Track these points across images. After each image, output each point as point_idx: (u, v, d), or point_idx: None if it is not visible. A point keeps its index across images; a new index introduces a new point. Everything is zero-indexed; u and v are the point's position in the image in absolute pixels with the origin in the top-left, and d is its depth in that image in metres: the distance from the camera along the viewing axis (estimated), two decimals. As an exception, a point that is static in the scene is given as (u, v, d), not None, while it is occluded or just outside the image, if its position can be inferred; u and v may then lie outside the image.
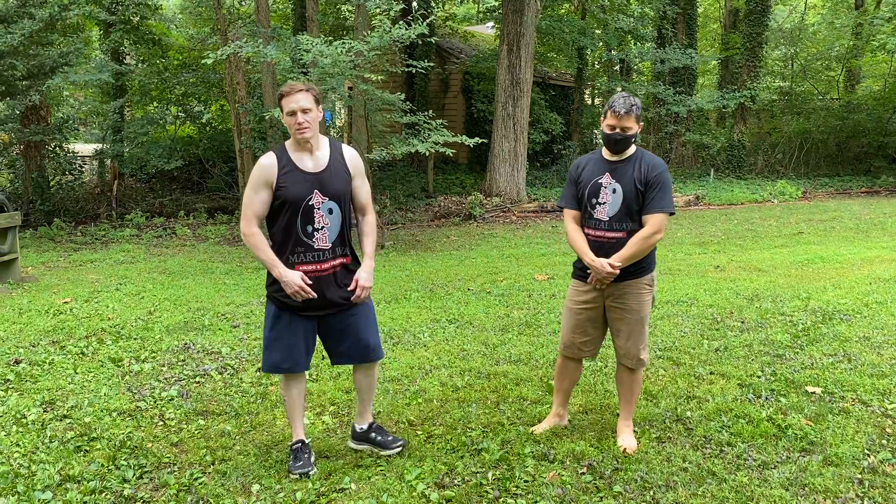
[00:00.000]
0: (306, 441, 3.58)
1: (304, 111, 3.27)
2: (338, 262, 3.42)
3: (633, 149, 3.61)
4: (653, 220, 3.50)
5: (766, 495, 3.18)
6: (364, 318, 3.52)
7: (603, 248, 3.57)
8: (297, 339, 3.43)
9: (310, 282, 3.33)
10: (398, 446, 3.61)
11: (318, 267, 3.36)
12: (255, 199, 3.32)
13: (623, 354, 3.68)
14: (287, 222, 3.33)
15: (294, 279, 3.30)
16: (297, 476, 3.37)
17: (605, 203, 3.57)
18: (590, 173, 3.65)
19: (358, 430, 3.69)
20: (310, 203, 3.31)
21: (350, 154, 3.48)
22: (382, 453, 3.59)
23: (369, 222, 3.56)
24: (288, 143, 3.41)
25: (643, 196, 3.51)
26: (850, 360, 4.92)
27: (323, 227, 3.34)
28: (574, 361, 3.85)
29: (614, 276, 3.52)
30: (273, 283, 3.40)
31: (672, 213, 3.59)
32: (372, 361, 3.58)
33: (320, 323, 3.48)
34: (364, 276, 3.46)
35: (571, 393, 4.02)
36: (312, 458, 3.50)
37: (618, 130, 3.51)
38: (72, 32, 14.66)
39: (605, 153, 3.64)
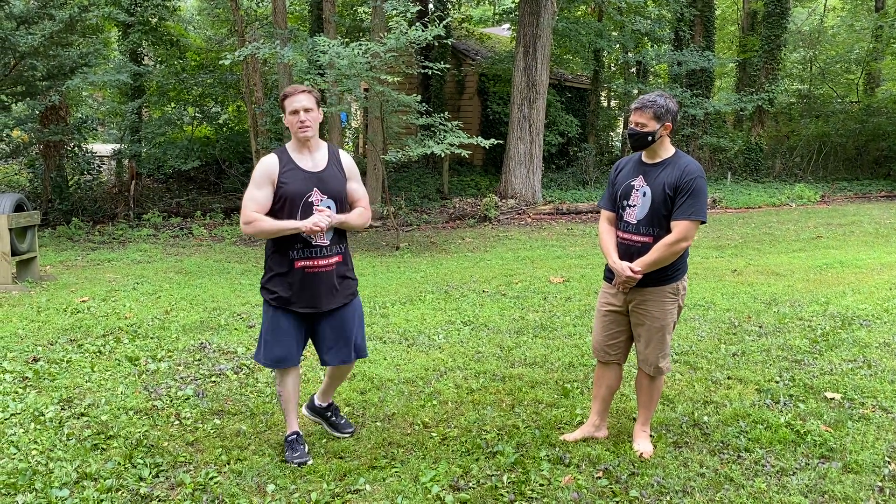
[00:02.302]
0: (300, 432, 3.72)
1: (306, 110, 3.41)
2: (334, 259, 3.53)
3: (670, 152, 3.53)
4: (679, 227, 3.39)
5: (785, 502, 3.14)
6: (353, 317, 3.66)
7: (629, 251, 3.53)
8: (293, 335, 3.55)
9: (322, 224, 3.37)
10: (349, 431, 3.85)
11: (315, 263, 3.47)
12: (257, 194, 3.41)
13: (642, 360, 3.64)
14: (287, 219, 3.42)
15: (308, 219, 3.36)
16: (297, 465, 3.50)
17: (634, 206, 3.52)
18: (625, 175, 3.62)
19: (317, 405, 3.89)
20: (309, 199, 3.43)
21: (346, 159, 3.64)
22: (334, 433, 3.84)
23: (360, 208, 3.65)
24: (289, 145, 3.54)
25: (672, 201, 3.42)
26: (870, 366, 4.86)
27: None
28: (608, 366, 3.76)
29: (635, 280, 3.48)
30: (268, 283, 3.55)
31: (703, 222, 3.45)
32: (360, 358, 3.75)
33: (313, 322, 3.60)
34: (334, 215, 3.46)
35: (611, 402, 3.90)
36: (307, 449, 3.65)
37: (632, 126, 3.48)
38: (91, 33, 14.80)
39: (644, 156, 3.59)
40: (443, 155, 10.88)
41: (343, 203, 3.55)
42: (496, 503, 3.18)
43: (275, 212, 3.44)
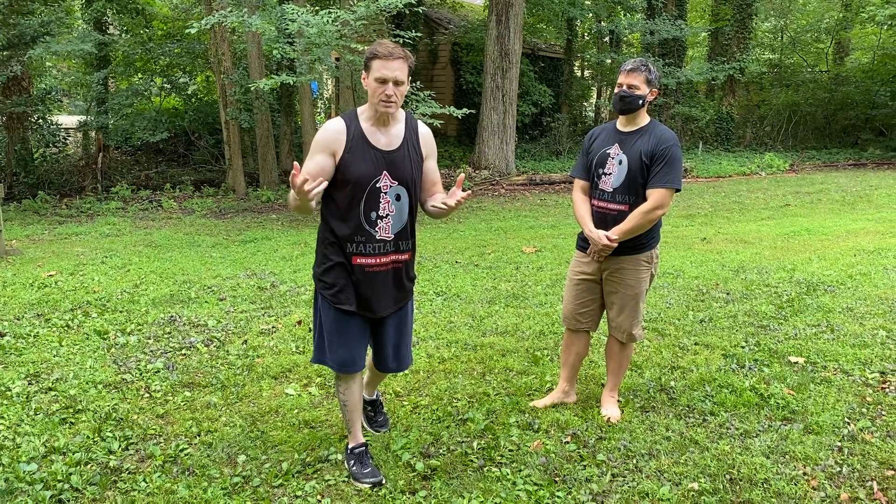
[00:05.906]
0: (367, 444, 3.28)
1: (398, 83, 2.80)
2: (398, 257, 2.99)
3: (646, 120, 3.54)
4: (655, 195, 3.42)
5: (748, 463, 3.22)
6: (406, 323, 3.20)
7: (605, 219, 3.54)
8: (358, 333, 3.04)
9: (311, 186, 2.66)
10: (383, 430, 3.59)
11: (377, 261, 2.93)
12: (309, 164, 2.84)
13: (615, 327, 3.68)
14: (348, 206, 2.89)
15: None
16: (369, 485, 3.07)
17: (610, 174, 3.52)
18: (600, 143, 3.61)
19: (364, 398, 3.53)
20: (377, 185, 2.88)
21: (424, 131, 3.05)
22: (368, 428, 3.57)
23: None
24: (362, 112, 2.93)
25: (648, 169, 3.44)
26: (833, 331, 4.97)
27: (388, 215, 2.91)
28: (577, 334, 3.80)
29: (612, 248, 3.50)
30: (324, 274, 2.99)
31: (678, 190, 3.48)
32: (403, 370, 3.31)
33: (375, 321, 3.11)
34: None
35: (579, 369, 3.95)
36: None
37: (624, 87, 3.45)
38: (53, 1, 14.37)
39: (619, 124, 3.60)
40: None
41: (415, 190, 2.99)
42: (466, 469, 3.22)
43: (334, 194, 2.90)
